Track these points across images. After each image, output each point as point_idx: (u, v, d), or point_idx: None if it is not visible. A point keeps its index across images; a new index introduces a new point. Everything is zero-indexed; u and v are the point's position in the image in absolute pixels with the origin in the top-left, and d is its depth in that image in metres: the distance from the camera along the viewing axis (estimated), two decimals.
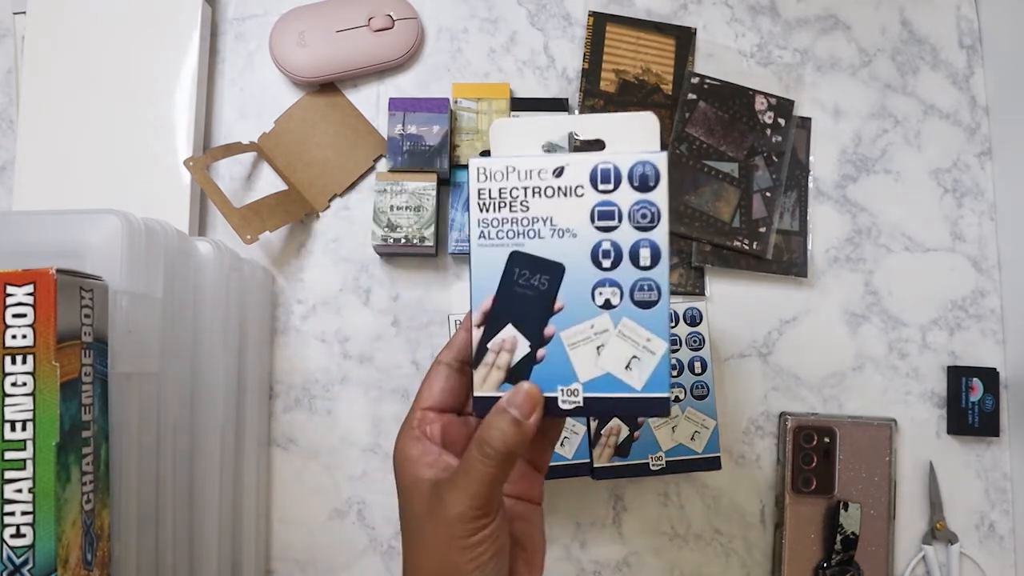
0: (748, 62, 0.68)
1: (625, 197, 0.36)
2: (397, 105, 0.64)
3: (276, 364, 0.65)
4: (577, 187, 0.37)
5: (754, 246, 0.64)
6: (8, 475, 0.35)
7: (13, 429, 0.35)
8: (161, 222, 0.47)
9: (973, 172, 0.67)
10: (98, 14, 0.64)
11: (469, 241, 0.37)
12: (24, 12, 0.65)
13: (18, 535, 0.35)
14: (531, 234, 0.37)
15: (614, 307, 0.36)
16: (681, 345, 0.58)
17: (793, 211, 0.66)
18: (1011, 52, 0.65)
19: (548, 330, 0.36)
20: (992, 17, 0.67)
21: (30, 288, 0.35)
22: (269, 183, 0.66)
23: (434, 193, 0.62)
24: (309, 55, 0.65)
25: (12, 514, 0.35)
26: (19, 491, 0.35)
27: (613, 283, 0.36)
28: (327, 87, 0.67)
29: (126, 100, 0.64)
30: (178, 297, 0.48)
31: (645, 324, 0.36)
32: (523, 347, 0.37)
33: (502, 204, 0.37)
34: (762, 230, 0.64)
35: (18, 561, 0.35)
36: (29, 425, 0.35)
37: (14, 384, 0.35)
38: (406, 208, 0.61)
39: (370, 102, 0.67)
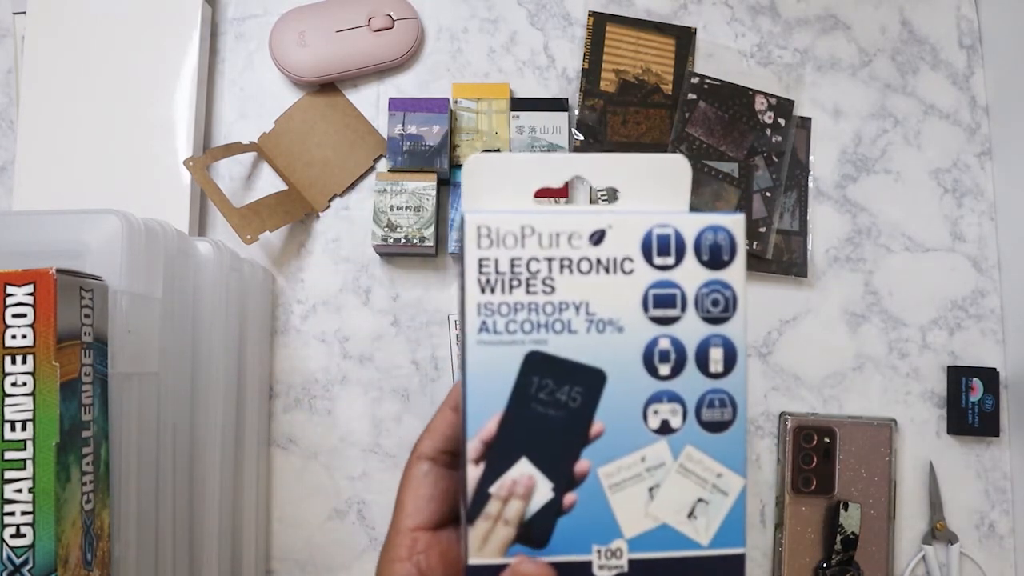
0: (748, 62, 0.68)
1: (690, 275, 0.27)
2: (397, 105, 0.64)
3: (276, 364, 0.65)
4: (624, 260, 0.27)
5: (754, 246, 0.64)
6: (8, 475, 0.35)
7: (13, 429, 0.35)
8: (161, 222, 0.47)
9: (973, 172, 0.67)
10: (98, 14, 0.64)
11: (463, 334, 0.26)
12: (24, 12, 0.65)
13: (18, 535, 0.35)
14: (557, 326, 0.26)
15: (674, 431, 0.27)
16: None
17: (793, 211, 0.66)
18: (1011, 52, 0.65)
19: (580, 466, 0.26)
20: (992, 17, 0.67)
21: (30, 288, 0.35)
22: (269, 183, 0.66)
23: (434, 193, 0.62)
24: (309, 55, 0.65)
25: (12, 514, 0.35)
26: (19, 491, 0.35)
27: (673, 397, 0.27)
28: (327, 87, 0.67)
29: (126, 100, 0.64)
30: (178, 297, 0.48)
31: (716, 454, 0.27)
32: (544, 491, 0.26)
33: (515, 282, 0.26)
34: (762, 230, 0.64)
35: (18, 561, 0.35)
36: (29, 425, 0.35)
37: (14, 384, 0.35)
38: (406, 208, 0.61)
39: (370, 102, 0.67)
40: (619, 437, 0.26)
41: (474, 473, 0.26)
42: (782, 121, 0.66)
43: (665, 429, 0.27)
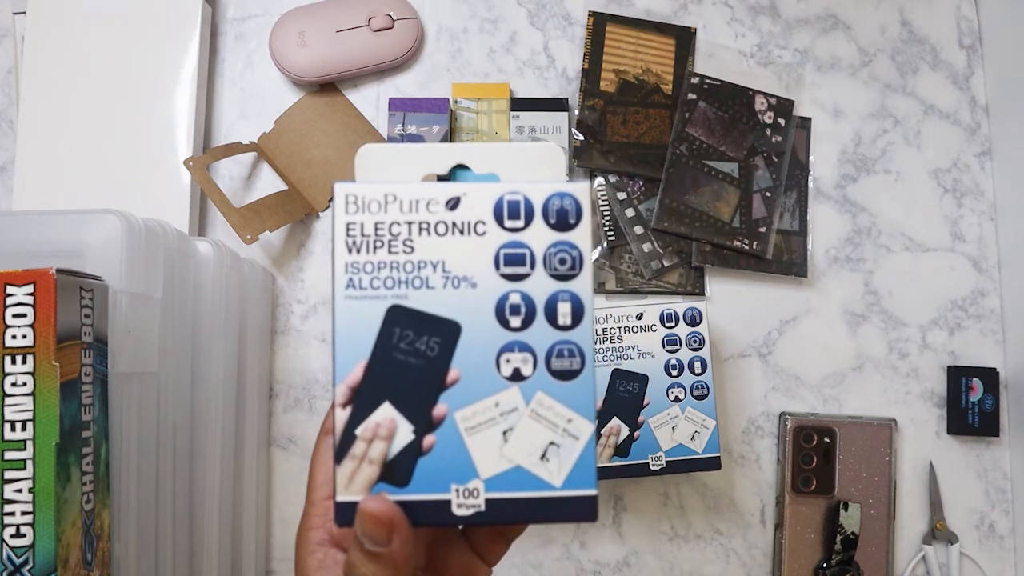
0: (748, 62, 0.68)
1: (539, 237, 0.29)
2: (397, 105, 0.64)
3: (276, 364, 0.65)
4: (477, 223, 0.29)
5: (754, 246, 0.64)
6: (8, 475, 0.35)
7: (13, 429, 0.35)
8: (161, 222, 0.47)
9: (973, 172, 0.67)
10: (98, 14, 0.64)
11: (333, 291, 0.29)
12: (24, 12, 0.65)
13: (18, 535, 0.35)
14: (416, 283, 0.29)
15: (526, 378, 0.29)
16: (681, 345, 0.58)
17: (793, 211, 0.66)
18: (1011, 52, 0.65)
19: (438, 410, 0.28)
20: (992, 17, 0.67)
21: (30, 288, 0.35)
22: (269, 183, 0.66)
23: None
24: (309, 55, 0.65)
25: (12, 514, 0.35)
26: (19, 491, 0.35)
27: (524, 347, 0.29)
28: (327, 87, 0.67)
29: (126, 100, 0.64)
30: (178, 297, 0.48)
31: (566, 400, 0.29)
32: (405, 433, 0.28)
33: (378, 243, 0.29)
34: (762, 230, 0.64)
35: (18, 561, 0.35)
36: (29, 425, 0.35)
37: (14, 384, 0.35)
38: None
39: (370, 102, 0.67)
40: (474, 384, 0.29)
41: (341, 416, 0.28)
42: (782, 121, 0.66)
43: (517, 377, 0.29)
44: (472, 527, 0.32)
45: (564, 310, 0.29)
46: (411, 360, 0.29)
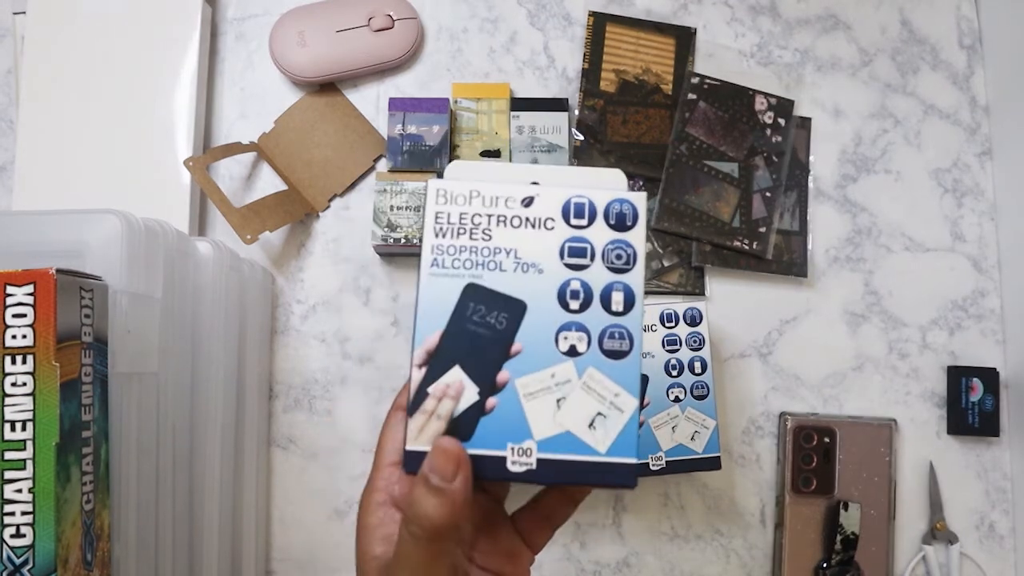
0: (748, 62, 0.68)
1: (599, 235, 0.34)
2: (397, 105, 0.64)
3: (276, 364, 0.65)
4: (547, 219, 0.34)
5: (754, 246, 0.64)
6: (8, 475, 0.35)
7: (13, 429, 0.35)
8: (161, 222, 0.47)
9: (973, 172, 0.67)
10: (98, 14, 0.64)
11: (419, 269, 0.34)
12: (24, 12, 0.65)
13: (18, 535, 0.35)
14: (491, 266, 0.33)
15: (580, 355, 0.32)
16: (681, 345, 0.58)
17: (793, 211, 0.66)
18: (1011, 52, 0.65)
19: (501, 376, 0.32)
20: (992, 17, 0.67)
21: (30, 288, 0.35)
22: (269, 183, 0.66)
23: None
24: (309, 55, 0.65)
25: (12, 514, 0.35)
26: (19, 491, 0.35)
27: (580, 327, 0.33)
28: (327, 87, 0.67)
29: (126, 100, 0.64)
30: (178, 297, 0.48)
31: (614, 377, 0.32)
32: (471, 394, 0.32)
33: (461, 231, 0.34)
34: (762, 230, 0.64)
35: (18, 561, 0.35)
36: (29, 425, 0.35)
37: (14, 384, 0.35)
38: (406, 208, 0.61)
39: (370, 102, 0.67)
40: (534, 356, 0.32)
41: (417, 376, 0.32)
42: (782, 121, 0.66)
43: (572, 352, 0.32)
44: (519, 514, 0.36)
45: (618, 298, 0.33)
46: (481, 331, 0.32)
